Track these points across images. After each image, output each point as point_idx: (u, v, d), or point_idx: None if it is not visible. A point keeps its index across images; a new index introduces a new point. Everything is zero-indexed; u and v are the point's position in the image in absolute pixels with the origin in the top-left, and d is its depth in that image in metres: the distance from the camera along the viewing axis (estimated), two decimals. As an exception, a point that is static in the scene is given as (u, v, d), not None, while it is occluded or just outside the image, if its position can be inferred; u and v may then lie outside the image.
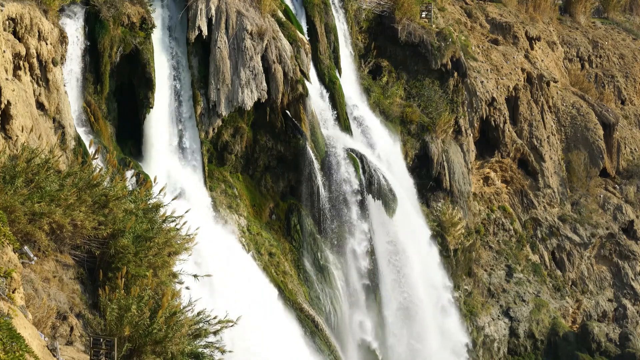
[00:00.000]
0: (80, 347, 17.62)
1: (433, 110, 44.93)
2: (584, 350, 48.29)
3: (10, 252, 15.95)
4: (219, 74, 34.84)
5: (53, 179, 19.19)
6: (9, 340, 13.13)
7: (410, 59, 46.31)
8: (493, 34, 53.97)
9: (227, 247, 33.23)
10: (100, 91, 31.84)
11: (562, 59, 58.66)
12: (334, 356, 35.19)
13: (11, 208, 17.66)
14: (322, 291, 37.20)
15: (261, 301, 31.96)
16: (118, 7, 31.88)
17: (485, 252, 48.62)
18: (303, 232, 37.37)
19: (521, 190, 51.40)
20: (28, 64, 26.24)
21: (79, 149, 28.22)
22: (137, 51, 32.58)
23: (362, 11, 45.65)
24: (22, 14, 25.78)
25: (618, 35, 63.96)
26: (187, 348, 18.25)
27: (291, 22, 38.72)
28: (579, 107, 55.34)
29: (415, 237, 41.74)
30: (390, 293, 39.95)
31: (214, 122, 35.14)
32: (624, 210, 53.79)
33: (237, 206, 35.82)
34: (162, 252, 19.86)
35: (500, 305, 47.38)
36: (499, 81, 50.07)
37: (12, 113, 23.94)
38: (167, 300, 17.99)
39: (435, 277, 42.59)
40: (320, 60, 40.53)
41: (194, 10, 34.55)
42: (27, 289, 17.32)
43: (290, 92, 36.62)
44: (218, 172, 35.97)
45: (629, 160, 56.86)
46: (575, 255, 51.54)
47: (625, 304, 51.95)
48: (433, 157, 44.07)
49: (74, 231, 19.12)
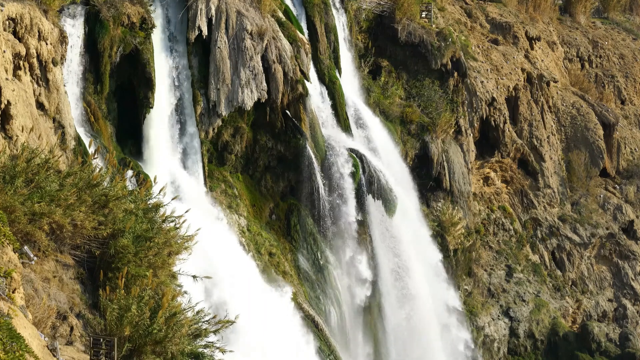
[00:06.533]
0: (80, 347, 17.62)
1: (433, 110, 44.93)
2: (584, 350, 48.30)
3: (10, 252, 15.95)
4: (219, 74, 34.85)
5: (53, 179, 19.18)
6: (9, 340, 13.13)
7: (410, 59, 46.31)
8: (493, 34, 53.97)
9: (227, 247, 33.23)
10: (100, 91, 31.85)
11: (562, 59, 58.65)
12: (334, 356, 35.19)
13: (11, 208, 17.65)
14: (322, 291, 37.21)
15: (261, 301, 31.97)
16: (118, 7, 31.89)
17: (485, 252, 48.62)
18: (303, 232, 37.37)
19: (521, 190, 51.40)
20: (28, 64, 26.24)
21: (79, 149, 28.23)
22: (137, 51, 32.59)
23: (362, 11, 45.65)
24: (22, 14, 25.78)
25: (618, 35, 63.95)
26: (187, 348, 18.25)
27: (291, 22, 38.73)
28: (579, 107, 55.34)
29: (415, 237, 41.74)
30: (390, 292, 39.94)
31: (214, 122, 35.15)
32: (624, 210, 53.79)
33: (237, 206, 35.82)
34: (162, 252, 19.85)
35: (500, 305, 47.38)
36: (499, 81, 50.07)
37: (12, 113, 23.95)
38: (167, 301, 17.99)
39: (435, 277, 42.60)
40: (320, 60, 40.53)
41: (194, 10, 34.55)
42: (27, 289, 17.31)
43: (290, 92, 36.62)
44: (218, 172, 35.98)
45: (629, 160, 56.86)
46: (575, 255, 51.54)
47: (625, 304, 51.95)
48: (433, 157, 44.07)
49: (74, 231, 19.11)
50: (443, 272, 43.11)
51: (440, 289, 42.87)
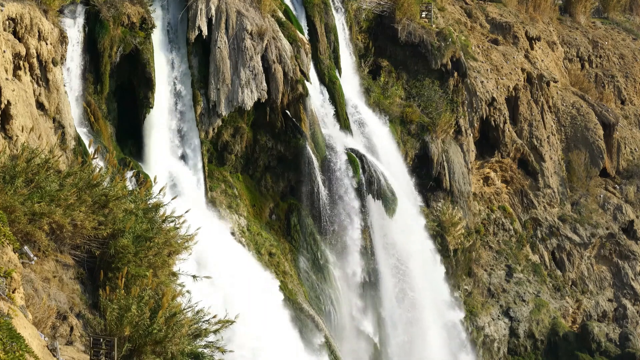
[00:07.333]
0: (80, 347, 17.62)
1: (433, 110, 44.93)
2: (584, 350, 48.30)
3: (10, 252, 15.95)
4: (219, 74, 34.86)
5: (53, 179, 19.18)
6: (9, 340, 13.13)
7: (410, 59, 46.30)
8: (493, 34, 53.97)
9: (227, 247, 33.24)
10: (100, 91, 31.86)
11: (562, 59, 58.65)
12: (334, 356, 35.18)
13: (11, 208, 17.66)
14: (322, 291, 37.21)
15: (261, 301, 31.97)
16: (118, 7, 31.89)
17: (485, 252, 48.62)
18: (303, 232, 37.37)
19: (521, 190, 51.40)
20: (28, 64, 26.25)
21: (79, 149, 28.24)
22: (137, 51, 32.60)
23: (362, 11, 45.65)
24: (22, 14, 25.79)
25: (618, 35, 63.95)
26: (187, 348, 18.26)
27: (291, 22, 38.73)
28: (579, 107, 55.34)
29: (415, 237, 41.73)
30: (390, 292, 39.95)
31: (214, 122, 35.15)
32: (624, 210, 53.79)
33: (237, 206, 35.82)
34: (162, 252, 19.86)
35: (500, 305, 47.38)
36: (499, 81, 50.07)
37: (12, 113, 23.97)
38: (167, 301, 17.99)
39: (435, 277, 42.59)
40: (320, 60, 40.54)
41: (194, 10, 34.55)
42: (27, 289, 17.32)
43: (290, 92, 36.62)
44: (218, 172, 35.98)
45: (629, 160, 56.85)
46: (575, 255, 51.54)
47: (625, 304, 51.96)
48: (433, 157, 44.07)
49: (74, 231, 19.11)
50: (443, 272, 43.11)
51: (440, 288, 42.87)
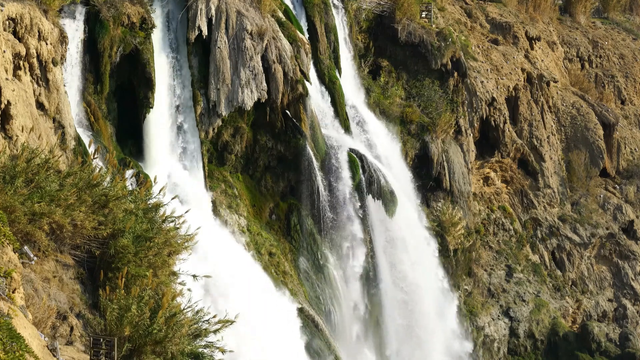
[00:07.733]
0: (80, 347, 17.62)
1: (433, 110, 44.93)
2: (584, 350, 48.30)
3: (10, 252, 15.95)
4: (219, 74, 34.86)
5: (53, 179, 19.18)
6: (9, 340, 13.13)
7: (410, 59, 46.31)
8: (493, 34, 53.97)
9: (227, 247, 33.24)
10: (100, 91, 31.86)
11: (562, 59, 58.65)
12: (334, 356, 35.19)
13: (11, 208, 17.65)
14: (322, 291, 37.21)
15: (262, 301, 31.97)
16: (118, 7, 31.89)
17: (485, 252, 48.62)
18: (303, 232, 37.37)
19: (521, 190, 51.41)
20: (28, 64, 26.25)
21: (79, 149, 28.24)
22: (137, 51, 32.60)
23: (362, 11, 45.65)
24: (22, 14, 25.78)
25: (618, 35, 63.95)
26: (187, 348, 18.25)
27: (291, 22, 38.73)
28: (579, 107, 55.34)
29: (415, 237, 41.74)
30: (390, 292, 39.95)
31: (214, 122, 35.15)
32: (624, 210, 53.80)
33: (237, 206, 35.82)
34: (162, 252, 19.85)
35: (500, 305, 47.38)
36: (499, 81, 50.07)
37: (12, 113, 23.96)
38: (167, 301, 17.99)
39: (435, 276, 42.61)
40: (320, 60, 40.54)
41: (194, 10, 34.55)
42: (27, 289, 17.32)
43: (290, 92, 36.62)
44: (218, 172, 35.98)
45: (629, 160, 56.85)
46: (575, 255, 51.54)
47: (625, 304, 51.96)
48: (433, 157, 44.07)
49: (74, 231, 19.11)
50: (442, 272, 43.12)
51: (440, 288, 42.87)
